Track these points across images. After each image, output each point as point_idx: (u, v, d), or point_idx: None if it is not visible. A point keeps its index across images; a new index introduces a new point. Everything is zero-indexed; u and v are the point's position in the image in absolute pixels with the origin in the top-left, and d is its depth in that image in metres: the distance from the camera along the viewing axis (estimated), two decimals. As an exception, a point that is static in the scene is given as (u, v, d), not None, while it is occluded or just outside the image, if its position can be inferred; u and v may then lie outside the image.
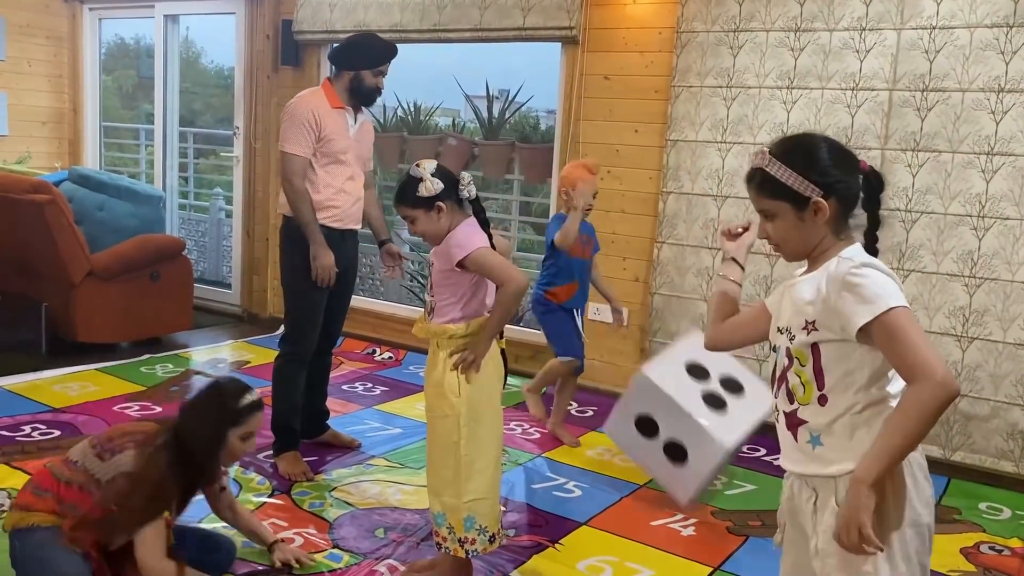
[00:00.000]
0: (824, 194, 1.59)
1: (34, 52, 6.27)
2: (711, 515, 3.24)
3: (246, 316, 5.95)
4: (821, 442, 1.61)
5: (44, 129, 6.40)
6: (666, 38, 4.27)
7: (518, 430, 4.07)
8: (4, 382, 4.21)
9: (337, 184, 3.36)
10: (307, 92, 3.44)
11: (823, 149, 1.63)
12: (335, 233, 3.37)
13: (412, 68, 6.83)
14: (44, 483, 2.31)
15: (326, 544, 2.82)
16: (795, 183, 1.60)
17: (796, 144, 1.66)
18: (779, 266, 4.04)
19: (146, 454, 2.27)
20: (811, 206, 1.59)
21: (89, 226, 5.03)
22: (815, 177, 1.59)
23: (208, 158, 8.06)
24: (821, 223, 1.60)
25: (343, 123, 3.38)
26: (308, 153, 3.30)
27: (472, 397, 2.41)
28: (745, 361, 3.59)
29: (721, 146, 4.15)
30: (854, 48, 3.82)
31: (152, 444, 2.30)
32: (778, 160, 1.62)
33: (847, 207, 1.62)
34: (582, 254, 3.77)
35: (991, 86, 3.57)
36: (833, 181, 1.59)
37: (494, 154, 5.72)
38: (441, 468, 2.45)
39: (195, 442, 2.34)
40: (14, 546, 2.29)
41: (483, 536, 2.44)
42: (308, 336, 3.42)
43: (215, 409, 2.38)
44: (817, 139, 1.67)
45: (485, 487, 2.44)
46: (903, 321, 1.48)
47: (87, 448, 2.34)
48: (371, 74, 3.36)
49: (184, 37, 7.97)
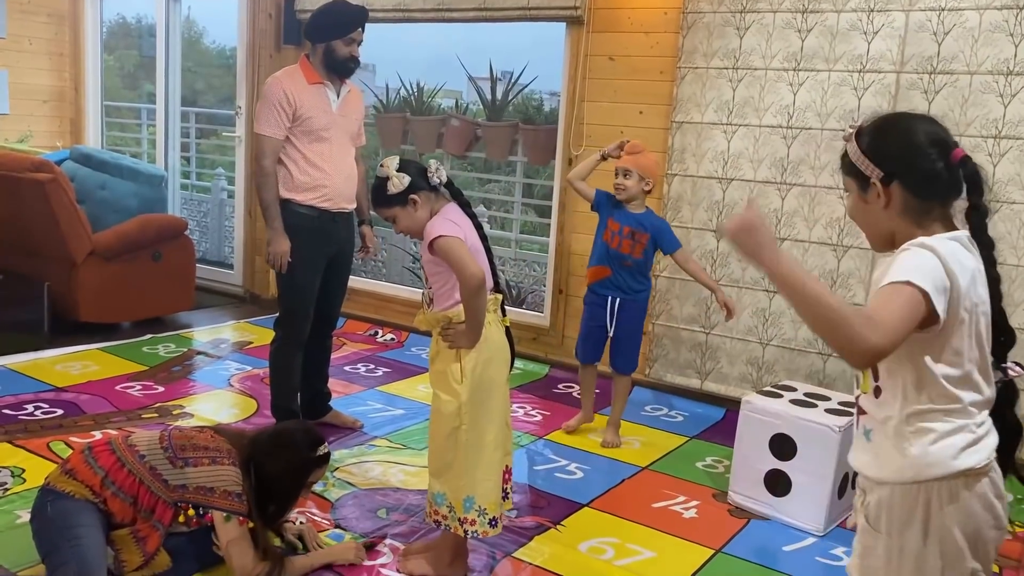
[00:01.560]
0: (885, 179, 1.49)
1: (35, 30, 6.22)
2: (713, 497, 3.25)
3: (248, 296, 5.95)
4: (871, 438, 1.56)
5: (45, 108, 6.37)
6: (672, 18, 4.23)
7: (520, 412, 4.07)
8: (6, 361, 4.21)
9: (322, 163, 3.30)
10: (282, 71, 3.39)
11: (904, 132, 1.52)
12: (327, 215, 3.33)
13: (415, 48, 6.80)
14: (101, 459, 2.34)
15: (328, 524, 2.82)
16: (859, 162, 1.52)
17: (879, 123, 1.55)
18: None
19: (227, 469, 2.36)
20: (871, 189, 1.52)
21: (91, 205, 5.02)
22: (879, 160, 1.50)
23: (210, 138, 8.04)
24: (881, 208, 1.51)
25: (323, 99, 3.31)
26: (280, 134, 3.25)
27: (475, 383, 2.41)
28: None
29: (727, 128, 4.12)
30: (861, 30, 3.79)
31: (231, 461, 2.38)
32: (858, 137, 1.54)
33: (922, 196, 1.49)
34: (612, 242, 3.61)
35: (1000, 68, 3.54)
36: (898, 168, 1.49)
37: (497, 136, 5.68)
38: (443, 451, 2.45)
39: (273, 486, 2.43)
40: (44, 504, 2.30)
41: (483, 518, 2.44)
42: (300, 319, 3.39)
43: (295, 456, 2.45)
44: (905, 121, 1.56)
45: (485, 471, 2.44)
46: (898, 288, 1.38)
47: (157, 447, 2.37)
48: (342, 43, 3.28)
49: (186, 16, 7.92)
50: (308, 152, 3.28)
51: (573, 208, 4.61)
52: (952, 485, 1.47)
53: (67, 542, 2.21)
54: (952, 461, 1.46)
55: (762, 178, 4.05)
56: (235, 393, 4.07)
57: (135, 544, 2.31)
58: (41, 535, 2.29)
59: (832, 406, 3.13)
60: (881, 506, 1.52)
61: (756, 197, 1.47)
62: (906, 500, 1.49)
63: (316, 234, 3.32)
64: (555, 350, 4.77)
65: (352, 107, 3.44)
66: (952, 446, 1.46)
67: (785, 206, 4.01)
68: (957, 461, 1.46)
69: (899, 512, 1.50)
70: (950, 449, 1.46)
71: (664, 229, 3.66)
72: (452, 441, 2.42)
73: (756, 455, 3.12)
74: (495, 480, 2.48)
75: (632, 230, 3.59)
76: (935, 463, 1.47)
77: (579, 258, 4.63)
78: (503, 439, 2.51)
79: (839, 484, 3.01)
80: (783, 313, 4.06)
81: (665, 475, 3.44)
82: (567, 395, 4.36)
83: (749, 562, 2.79)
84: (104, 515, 2.29)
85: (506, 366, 2.52)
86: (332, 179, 3.32)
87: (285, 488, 2.44)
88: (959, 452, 1.46)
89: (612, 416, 3.78)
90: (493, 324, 2.47)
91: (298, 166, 3.27)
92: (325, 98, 3.32)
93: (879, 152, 1.50)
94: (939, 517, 1.47)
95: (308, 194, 3.28)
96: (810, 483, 3.00)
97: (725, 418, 4.05)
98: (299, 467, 2.44)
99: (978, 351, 1.47)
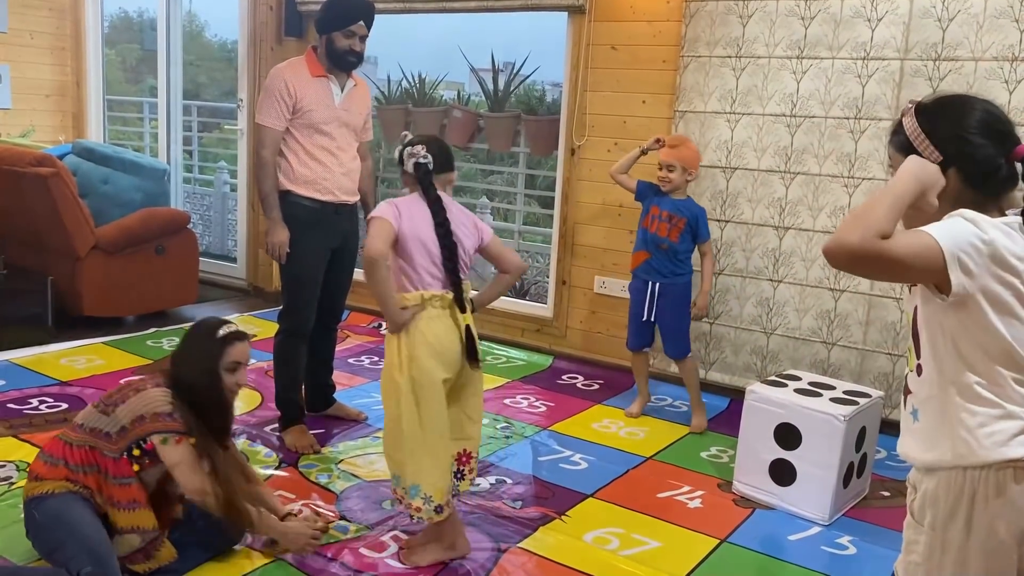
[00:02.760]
0: (944, 162, 1.41)
1: (36, 24, 6.22)
2: (717, 487, 3.24)
3: (252, 290, 5.95)
4: (917, 418, 1.50)
5: (47, 102, 6.36)
6: (674, 7, 4.21)
7: (524, 403, 4.07)
8: (11, 355, 4.21)
9: (322, 157, 3.29)
10: (286, 62, 3.37)
11: (965, 115, 1.44)
12: (328, 207, 3.32)
13: (417, 39, 6.77)
14: (55, 451, 2.33)
15: (333, 515, 2.83)
16: (917, 140, 1.43)
17: (940, 102, 1.47)
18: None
19: (151, 392, 2.32)
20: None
21: (93, 199, 5.01)
22: (937, 141, 1.42)
23: (212, 131, 8.02)
24: (937, 192, 1.41)
25: (325, 92, 3.29)
26: (280, 126, 3.24)
27: (413, 376, 2.42)
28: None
29: (730, 117, 4.10)
30: (865, 16, 3.76)
31: (154, 383, 2.34)
32: (916, 115, 1.46)
33: (976, 185, 1.41)
34: (651, 226, 3.76)
35: (1005, 55, 3.51)
36: (958, 151, 1.41)
37: (499, 127, 5.66)
38: (388, 436, 2.51)
39: (194, 388, 2.34)
40: (31, 515, 2.30)
41: (428, 506, 2.46)
42: (303, 311, 3.39)
43: (200, 348, 2.39)
44: (968, 103, 1.47)
45: (431, 461, 2.45)
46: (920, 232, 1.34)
47: (91, 410, 2.36)
48: (342, 35, 3.24)
49: (188, 10, 7.90)
50: (308, 145, 3.27)
51: (576, 199, 4.60)
52: (999, 476, 1.39)
53: (67, 535, 2.21)
54: (1000, 448, 1.38)
55: (766, 167, 4.04)
56: (239, 386, 4.07)
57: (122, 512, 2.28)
58: (39, 540, 2.29)
59: (837, 395, 3.12)
60: (926, 498, 1.47)
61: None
62: (951, 492, 1.43)
63: (317, 226, 3.32)
64: (559, 341, 4.77)
65: (356, 101, 3.42)
66: (1001, 432, 1.39)
67: (789, 195, 3.99)
68: (1006, 449, 1.38)
69: (944, 505, 1.44)
70: (999, 435, 1.39)
71: (702, 217, 3.79)
72: (395, 428, 2.45)
73: (761, 445, 3.11)
74: (442, 468, 2.48)
75: (670, 214, 3.74)
76: (982, 448, 1.40)
77: (582, 249, 4.63)
78: (447, 427, 2.49)
79: (844, 473, 3.00)
80: (787, 302, 4.05)
81: (670, 465, 3.43)
82: (571, 386, 4.36)
83: (754, 552, 2.79)
84: (91, 503, 2.28)
85: (446, 362, 2.45)
86: (332, 172, 3.31)
87: (206, 385, 2.36)
88: (1009, 439, 1.39)
89: (692, 402, 3.88)
90: (436, 320, 2.45)
91: (299, 158, 3.27)
92: (327, 91, 3.30)
93: (940, 132, 1.42)
94: (984, 512, 1.40)
95: (308, 187, 3.28)
96: (815, 472, 2.99)
97: (730, 408, 4.05)
98: (208, 355, 2.37)
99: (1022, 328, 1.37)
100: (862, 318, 3.89)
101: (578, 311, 4.70)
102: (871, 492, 3.26)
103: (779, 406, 3.08)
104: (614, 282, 4.53)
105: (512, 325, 4.91)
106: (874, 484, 3.31)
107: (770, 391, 3.14)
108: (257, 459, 3.23)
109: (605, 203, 4.51)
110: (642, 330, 3.86)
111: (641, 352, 3.94)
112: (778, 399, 3.09)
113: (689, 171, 3.76)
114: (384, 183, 6.36)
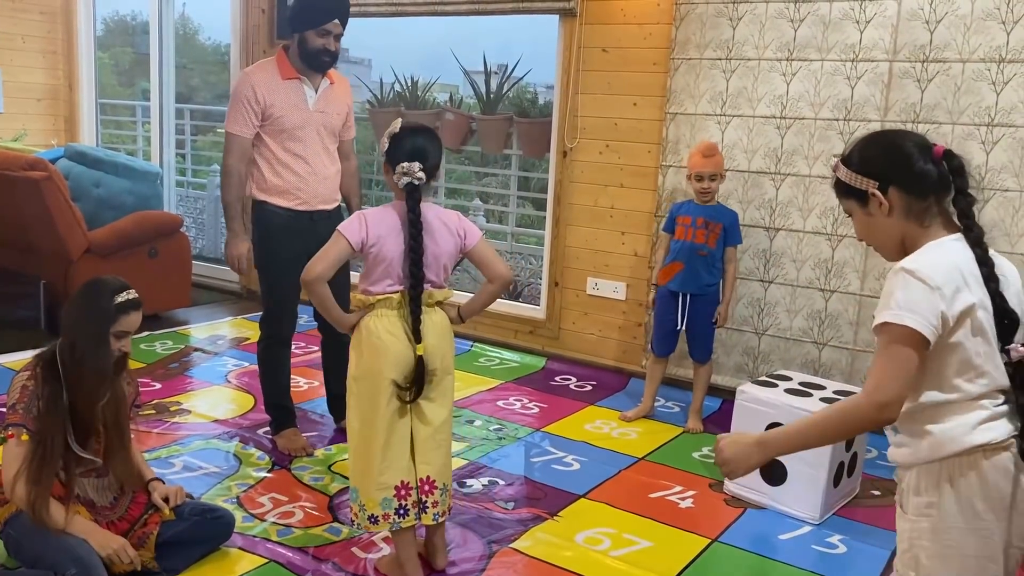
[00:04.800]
0: (880, 185, 1.60)
1: (28, 28, 6.21)
2: (709, 487, 3.26)
3: (245, 293, 5.95)
4: (898, 430, 1.65)
5: (39, 106, 6.36)
6: (664, 10, 4.23)
7: (517, 405, 4.08)
8: (3, 359, 4.21)
9: (295, 165, 3.17)
10: (256, 65, 3.25)
11: (888, 142, 1.66)
12: (303, 216, 3.21)
13: (409, 42, 6.79)
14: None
15: (326, 518, 2.83)
16: (852, 180, 1.64)
17: (862, 143, 1.68)
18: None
19: (21, 376, 2.26)
20: (872, 200, 1.62)
21: (86, 203, 5.01)
22: (868, 170, 1.62)
23: (206, 135, 8.03)
24: (886, 216, 1.61)
25: (297, 95, 3.16)
26: (248, 133, 3.13)
27: (356, 375, 2.40)
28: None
29: (721, 119, 4.12)
30: (854, 19, 3.79)
31: (30, 367, 2.28)
32: (843, 163, 1.67)
33: (916, 194, 1.59)
34: (685, 235, 3.73)
35: (992, 56, 3.54)
36: (891, 173, 1.60)
37: (492, 129, 5.68)
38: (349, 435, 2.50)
39: (77, 348, 2.27)
40: (8, 535, 2.30)
41: (363, 513, 2.41)
42: (281, 318, 3.35)
43: (94, 309, 2.30)
44: (885, 134, 1.74)
45: (362, 466, 2.41)
46: (889, 339, 1.52)
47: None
48: (315, 34, 3.09)
49: (180, 13, 7.90)
50: (280, 152, 3.16)
51: (569, 201, 4.62)
52: (971, 459, 1.54)
53: (44, 544, 2.21)
54: (966, 437, 1.54)
55: (756, 168, 4.06)
56: (232, 389, 4.07)
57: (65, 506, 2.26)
58: (21, 555, 2.29)
59: (827, 395, 3.14)
60: (909, 489, 1.62)
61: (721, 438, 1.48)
62: (930, 480, 1.57)
63: (290, 233, 3.21)
64: (552, 343, 4.78)
65: (333, 101, 3.28)
66: (965, 423, 1.54)
67: (779, 196, 4.01)
68: (971, 436, 1.54)
69: (925, 493, 1.58)
70: (964, 426, 1.54)
71: (736, 221, 3.79)
72: (351, 428, 2.44)
73: (752, 444, 3.12)
74: (378, 479, 2.37)
75: (705, 220, 3.73)
76: (951, 440, 1.55)
77: (574, 251, 4.64)
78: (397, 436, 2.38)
79: (835, 473, 3.02)
80: (778, 303, 4.07)
81: (661, 465, 3.45)
82: (564, 387, 4.37)
83: (745, 551, 2.81)
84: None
85: (392, 362, 2.34)
86: (305, 182, 3.20)
87: (92, 348, 2.26)
88: (973, 428, 1.54)
89: (694, 404, 3.90)
90: (382, 318, 2.36)
91: (271, 167, 3.17)
92: (300, 94, 3.17)
93: (870, 166, 1.63)
94: (961, 493, 1.54)
95: (280, 196, 3.19)
96: (806, 472, 3.01)
97: (721, 408, 4.06)
98: (101, 318, 2.29)
99: (983, 343, 1.54)
100: (853, 318, 3.91)
101: (571, 313, 4.72)
102: (862, 491, 3.28)
103: (770, 406, 3.09)
104: (606, 284, 4.54)
105: (505, 327, 4.92)
106: (865, 483, 3.32)
107: (761, 391, 3.16)
108: (250, 461, 3.24)
109: (597, 205, 4.53)
110: (670, 338, 3.87)
111: (664, 359, 3.94)
112: (769, 399, 3.11)
113: (723, 175, 3.82)
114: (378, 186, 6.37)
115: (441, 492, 2.46)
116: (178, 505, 2.46)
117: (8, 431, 2.23)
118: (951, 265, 1.54)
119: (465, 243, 2.45)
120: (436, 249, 2.39)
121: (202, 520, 2.47)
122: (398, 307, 2.37)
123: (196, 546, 2.49)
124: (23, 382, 2.27)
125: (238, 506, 2.86)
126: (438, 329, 2.42)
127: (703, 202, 3.75)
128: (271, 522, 2.78)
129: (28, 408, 2.23)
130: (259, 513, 2.84)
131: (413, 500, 2.42)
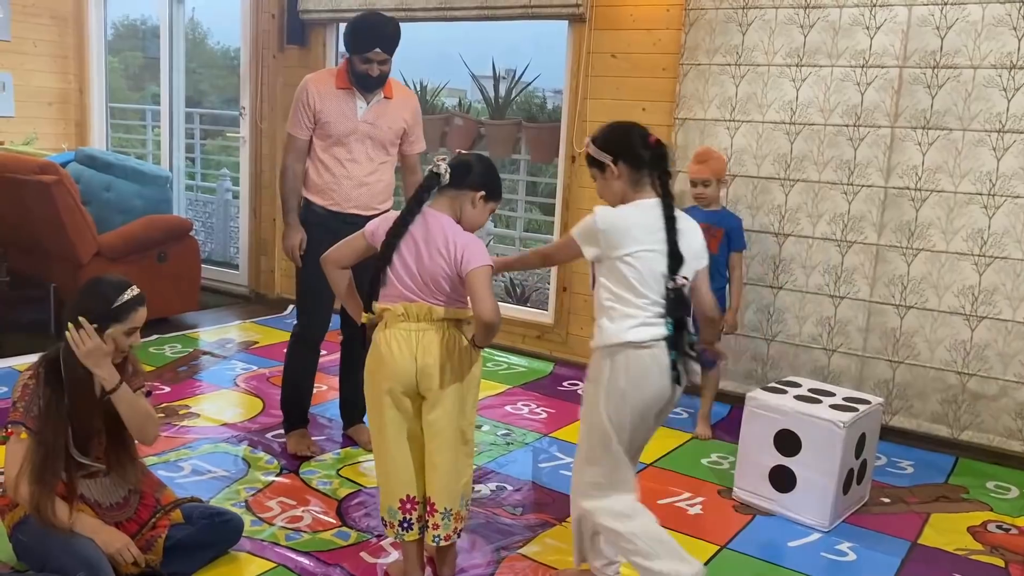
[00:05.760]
0: (614, 160, 2.28)
1: (39, 32, 6.25)
2: (718, 494, 3.25)
3: (253, 297, 5.96)
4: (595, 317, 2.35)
5: (50, 110, 6.40)
6: (674, 15, 4.23)
7: (525, 410, 4.08)
8: (14, 362, 4.23)
9: (334, 167, 3.29)
10: (320, 71, 3.47)
11: (617, 131, 2.34)
12: (337, 216, 3.29)
13: (418, 47, 6.79)
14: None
15: (335, 522, 2.83)
16: (596, 154, 2.32)
17: (601, 129, 2.37)
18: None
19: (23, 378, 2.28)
20: (607, 170, 2.29)
21: (96, 207, 5.03)
22: (607, 148, 2.30)
23: (215, 139, 8.05)
24: (616, 180, 2.29)
25: (347, 105, 3.27)
26: (303, 135, 3.30)
27: (365, 386, 2.43)
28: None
29: (730, 124, 4.12)
30: (864, 25, 3.78)
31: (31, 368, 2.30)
32: (592, 142, 2.33)
33: (635, 168, 2.27)
34: None
35: (1003, 63, 3.53)
36: (620, 151, 2.28)
37: (500, 134, 5.69)
38: None
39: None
40: (18, 540, 2.31)
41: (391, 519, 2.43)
42: (311, 315, 3.40)
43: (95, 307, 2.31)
44: (622, 124, 2.37)
45: (377, 471, 2.46)
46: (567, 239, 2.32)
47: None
48: (359, 60, 3.20)
49: (190, 17, 7.93)
50: (323, 155, 3.31)
51: (577, 206, 4.62)
52: (620, 350, 2.21)
53: (52, 546, 2.22)
54: (621, 334, 2.21)
55: (765, 174, 4.05)
56: (241, 393, 4.08)
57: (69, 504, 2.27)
58: (30, 559, 2.29)
59: (837, 402, 3.13)
60: (590, 365, 2.31)
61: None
62: (598, 361, 2.26)
63: (323, 231, 3.25)
64: (559, 347, 4.78)
65: (385, 115, 3.32)
66: (621, 327, 2.21)
67: (789, 202, 4.00)
68: (624, 335, 2.20)
69: (594, 367, 2.28)
70: (619, 328, 2.21)
71: (739, 226, 3.78)
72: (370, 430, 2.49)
73: (761, 451, 3.12)
74: (387, 491, 2.42)
75: (708, 225, 3.62)
76: (610, 335, 2.22)
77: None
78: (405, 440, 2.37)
79: (844, 480, 3.00)
80: (787, 309, 4.06)
81: (670, 471, 3.44)
82: (572, 392, 4.37)
83: (754, 558, 2.80)
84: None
85: (389, 373, 2.31)
86: (339, 183, 3.29)
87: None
88: (627, 330, 2.20)
89: (703, 410, 3.90)
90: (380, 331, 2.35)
91: (315, 167, 3.32)
92: (350, 104, 3.28)
93: (608, 145, 2.31)
94: (613, 369, 2.23)
95: (318, 195, 3.33)
96: (815, 479, 3.00)
97: (730, 414, 4.05)
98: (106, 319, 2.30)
99: (644, 272, 2.20)
100: (862, 325, 3.90)
101: (579, 318, 4.71)
102: (871, 499, 3.26)
103: (779, 413, 3.08)
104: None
105: (513, 332, 4.92)
106: (874, 491, 3.31)
107: (770, 397, 3.15)
108: (258, 465, 3.24)
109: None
110: None
111: None
112: (778, 405, 3.10)
113: (723, 180, 3.80)
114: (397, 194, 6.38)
115: (443, 516, 2.38)
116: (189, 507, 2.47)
117: (7, 429, 2.25)
118: (629, 218, 2.23)
119: (460, 268, 2.27)
120: (421, 266, 2.29)
121: (210, 524, 2.48)
122: (402, 319, 2.31)
123: (204, 550, 2.49)
124: (25, 381, 2.29)
125: (247, 510, 2.87)
126: (440, 348, 2.30)
127: (702, 207, 3.74)
128: (280, 526, 2.78)
129: (28, 407, 2.25)
130: (268, 517, 2.84)
131: (418, 515, 2.41)
